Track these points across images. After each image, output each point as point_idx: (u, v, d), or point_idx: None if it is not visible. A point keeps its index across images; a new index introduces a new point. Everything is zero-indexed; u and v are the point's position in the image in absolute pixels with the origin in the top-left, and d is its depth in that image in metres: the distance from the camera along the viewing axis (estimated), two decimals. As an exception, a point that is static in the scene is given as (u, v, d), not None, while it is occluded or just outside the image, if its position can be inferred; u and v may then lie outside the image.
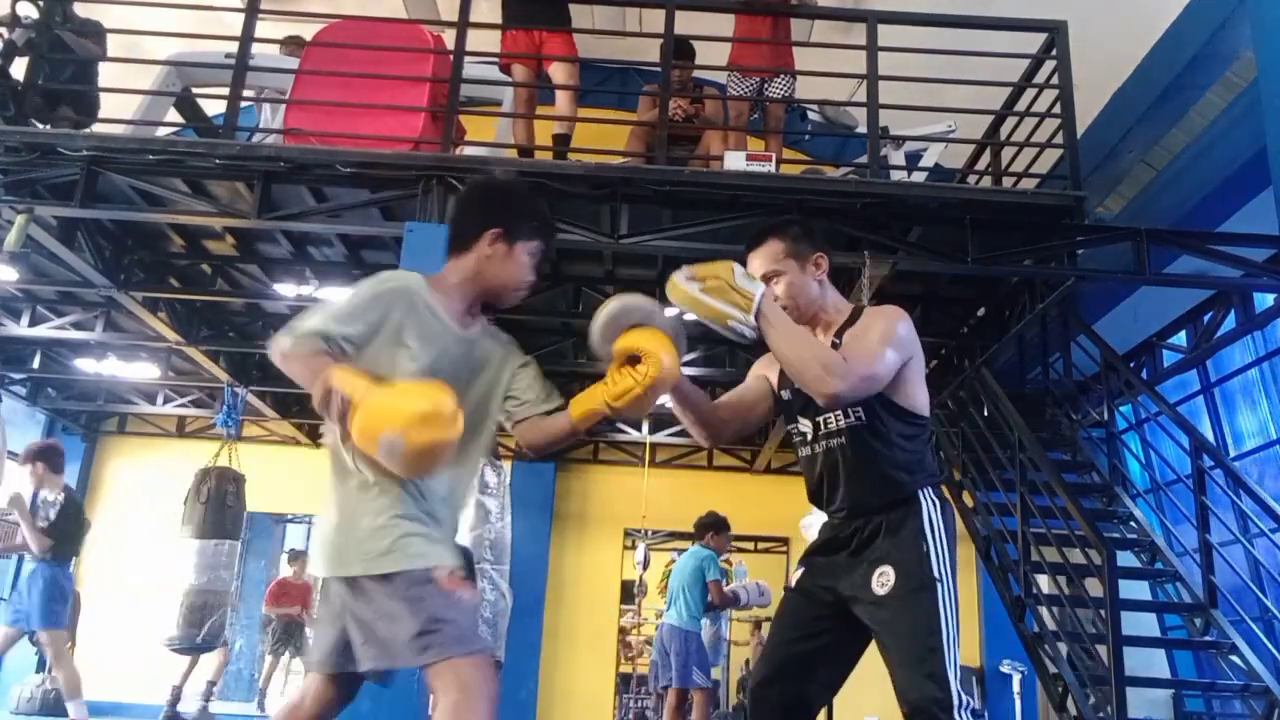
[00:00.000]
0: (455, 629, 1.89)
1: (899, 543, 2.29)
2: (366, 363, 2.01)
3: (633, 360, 2.13)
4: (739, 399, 2.59)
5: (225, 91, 5.46)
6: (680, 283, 2.21)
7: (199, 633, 7.43)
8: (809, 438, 2.46)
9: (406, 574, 1.93)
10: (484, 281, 2.22)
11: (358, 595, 1.95)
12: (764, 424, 2.97)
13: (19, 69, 5.52)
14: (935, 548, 2.28)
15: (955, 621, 2.23)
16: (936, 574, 2.25)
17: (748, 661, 12.10)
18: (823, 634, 2.37)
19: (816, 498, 2.50)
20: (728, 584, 7.15)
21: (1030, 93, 5.97)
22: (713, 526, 7.10)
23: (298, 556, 10.31)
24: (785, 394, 2.53)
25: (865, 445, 2.35)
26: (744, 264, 2.41)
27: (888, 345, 2.31)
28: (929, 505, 2.33)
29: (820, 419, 2.42)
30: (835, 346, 2.38)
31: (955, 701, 2.14)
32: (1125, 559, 5.87)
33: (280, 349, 2.01)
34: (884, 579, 2.26)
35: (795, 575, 2.52)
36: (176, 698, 7.89)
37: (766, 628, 12.06)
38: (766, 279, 2.45)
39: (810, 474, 2.49)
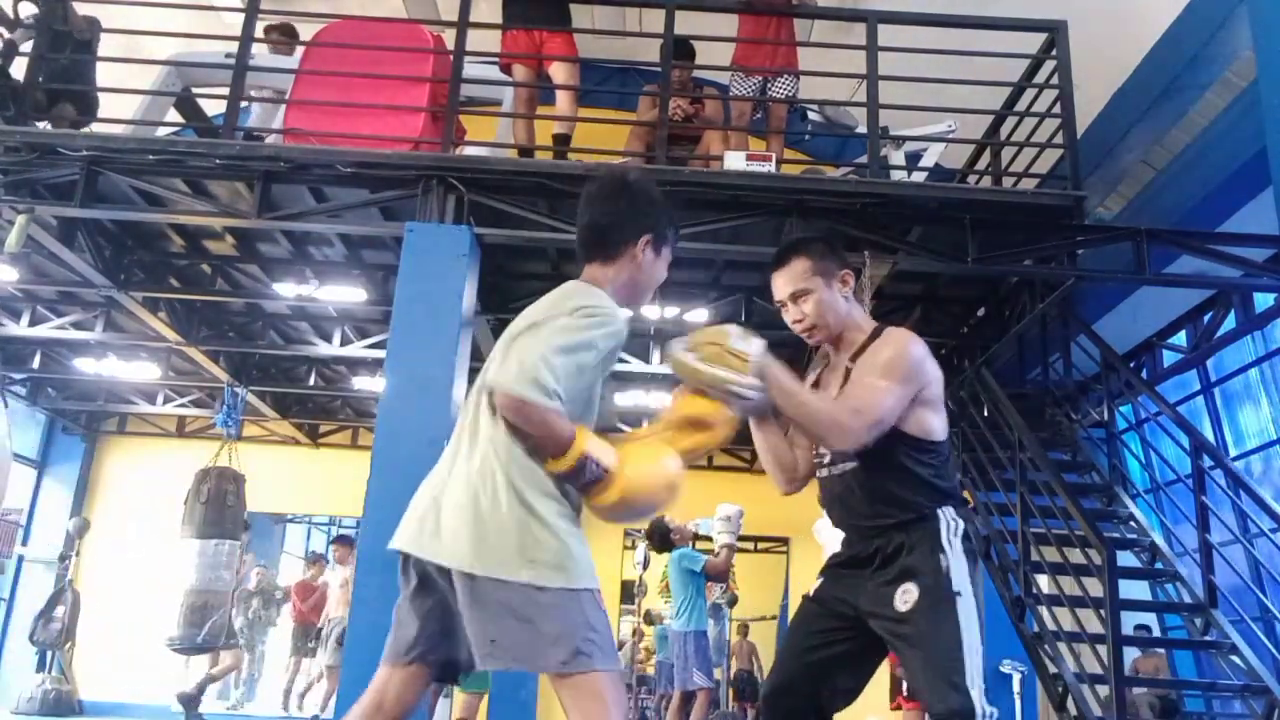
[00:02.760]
0: (603, 641, 1.93)
1: (920, 560, 2.31)
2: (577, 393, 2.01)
3: (693, 423, 2.16)
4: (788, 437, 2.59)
5: (225, 91, 5.46)
6: (678, 354, 2.21)
7: (200, 633, 7.43)
8: (826, 460, 2.48)
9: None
10: (634, 287, 2.19)
11: (505, 594, 1.88)
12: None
13: (19, 69, 5.53)
14: (954, 563, 2.30)
15: (977, 633, 2.26)
16: (957, 588, 2.27)
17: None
18: (840, 642, 2.39)
19: (834, 518, 2.52)
20: (716, 556, 7.13)
21: (1030, 93, 5.97)
22: (666, 532, 7.05)
23: (316, 560, 10.37)
24: None
25: (875, 471, 2.36)
26: (770, 283, 2.46)
27: (895, 380, 2.31)
28: (948, 524, 2.35)
29: None
30: (849, 371, 2.39)
31: (979, 712, 2.17)
32: (1125, 559, 5.87)
33: (519, 398, 1.88)
34: (907, 596, 2.27)
35: (815, 585, 2.51)
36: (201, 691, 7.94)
37: (752, 630, 12.07)
38: (795, 298, 2.44)
39: (828, 495, 2.50)
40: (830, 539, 4.42)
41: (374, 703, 2.04)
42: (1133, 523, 6.25)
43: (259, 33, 5.70)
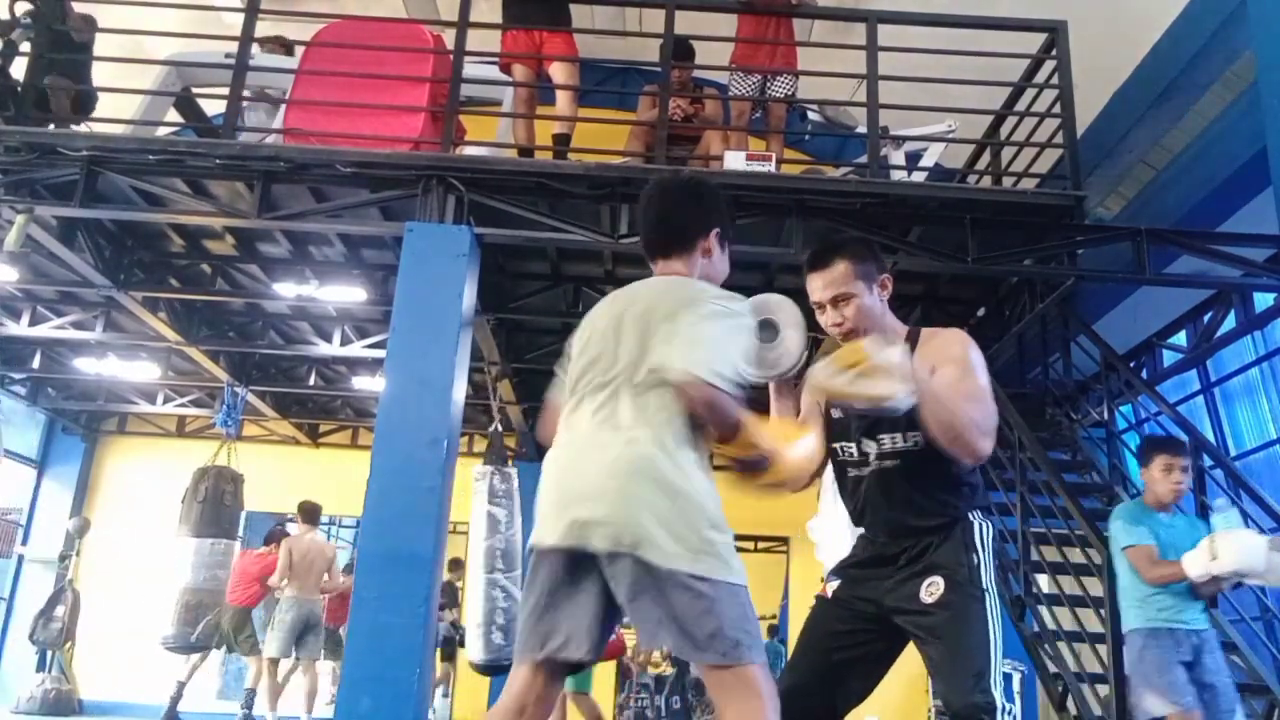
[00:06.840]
0: (757, 637, 1.96)
1: (947, 555, 2.29)
2: None
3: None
4: (817, 429, 2.49)
5: (225, 91, 5.46)
6: (827, 380, 2.13)
7: (194, 632, 7.43)
8: (870, 457, 2.39)
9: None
10: (706, 281, 2.21)
11: (682, 584, 1.88)
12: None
13: (19, 68, 5.52)
14: (983, 561, 2.29)
15: (1000, 632, 2.26)
16: (985, 585, 2.27)
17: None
18: (859, 645, 2.36)
19: (862, 517, 2.46)
20: None
21: (1030, 93, 5.97)
22: None
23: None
24: (836, 413, 2.45)
25: (923, 468, 2.32)
26: (804, 282, 2.42)
27: (984, 378, 2.30)
28: (980, 526, 2.34)
29: (882, 438, 2.36)
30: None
31: (999, 706, 2.17)
32: (1125, 559, 5.86)
33: (707, 384, 1.93)
34: (933, 589, 2.26)
35: (830, 586, 2.49)
36: (179, 695, 7.88)
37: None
38: (835, 302, 2.37)
39: (859, 494, 2.43)
40: (826, 538, 4.40)
41: (516, 706, 2.00)
42: (1133, 523, 6.23)
43: (259, 33, 5.69)
